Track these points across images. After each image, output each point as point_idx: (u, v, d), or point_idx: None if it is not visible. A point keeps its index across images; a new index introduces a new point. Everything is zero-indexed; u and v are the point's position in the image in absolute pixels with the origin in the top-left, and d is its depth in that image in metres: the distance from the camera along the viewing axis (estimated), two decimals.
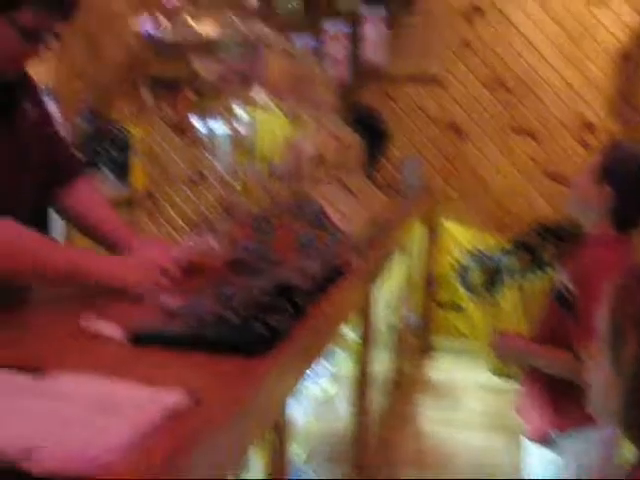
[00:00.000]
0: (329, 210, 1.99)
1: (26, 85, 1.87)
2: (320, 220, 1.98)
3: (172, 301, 1.49)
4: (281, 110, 2.31)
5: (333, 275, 1.77)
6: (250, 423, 1.14)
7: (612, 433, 2.00)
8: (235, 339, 1.23)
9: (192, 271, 1.82)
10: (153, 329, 1.31)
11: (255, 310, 1.32)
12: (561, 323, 1.97)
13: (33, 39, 1.68)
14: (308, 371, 1.61)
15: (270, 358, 1.22)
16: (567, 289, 1.96)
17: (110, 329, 1.33)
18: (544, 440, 2.05)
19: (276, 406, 1.34)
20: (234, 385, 1.10)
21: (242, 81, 2.15)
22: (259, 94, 2.25)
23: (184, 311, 1.40)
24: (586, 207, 2.04)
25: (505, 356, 2.23)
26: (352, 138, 2.59)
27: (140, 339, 1.27)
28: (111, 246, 1.93)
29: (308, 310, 1.48)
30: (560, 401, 2.00)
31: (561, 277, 2.04)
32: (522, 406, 2.19)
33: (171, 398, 1.01)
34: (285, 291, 1.46)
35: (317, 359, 1.70)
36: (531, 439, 2.11)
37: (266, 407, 1.23)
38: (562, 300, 1.98)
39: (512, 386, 4.43)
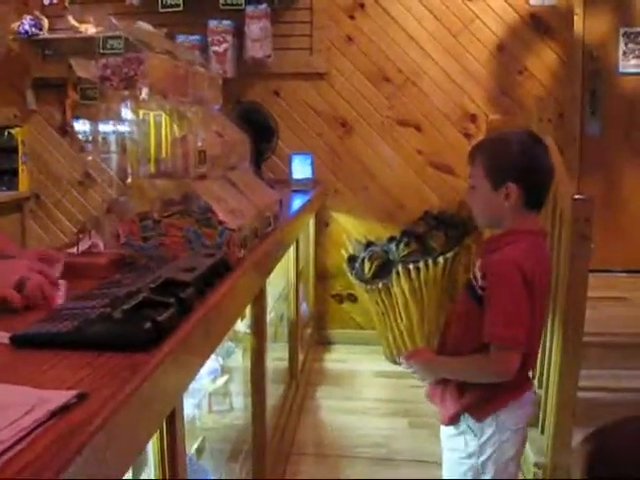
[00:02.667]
0: (215, 206, 2.00)
1: None
2: (206, 216, 2.00)
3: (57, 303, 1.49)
4: (165, 108, 2.31)
5: (221, 270, 1.79)
6: (141, 418, 1.15)
7: (526, 413, 2.09)
8: (120, 335, 1.24)
9: (78, 273, 1.80)
10: (36, 330, 1.30)
11: (141, 307, 1.33)
12: (473, 316, 2.00)
13: None
14: (200, 365, 1.62)
15: (158, 353, 1.24)
16: (478, 284, 1.99)
17: None
18: (460, 424, 2.07)
19: (168, 401, 1.34)
20: (121, 381, 1.11)
21: (124, 81, 2.14)
22: (143, 93, 2.24)
23: (69, 311, 1.40)
24: (498, 215, 2.03)
25: (419, 372, 2.18)
26: (237, 134, 2.60)
27: (23, 341, 1.27)
28: None
29: (195, 305, 1.50)
30: (473, 386, 2.03)
31: (474, 271, 2.04)
32: (434, 393, 2.17)
33: (57, 397, 1.01)
34: (171, 287, 1.48)
35: (209, 353, 1.71)
36: (447, 424, 2.11)
37: (157, 402, 1.24)
38: (474, 294, 2.01)
39: (407, 371, 4.56)
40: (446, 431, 2.14)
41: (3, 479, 0.81)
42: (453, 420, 2.07)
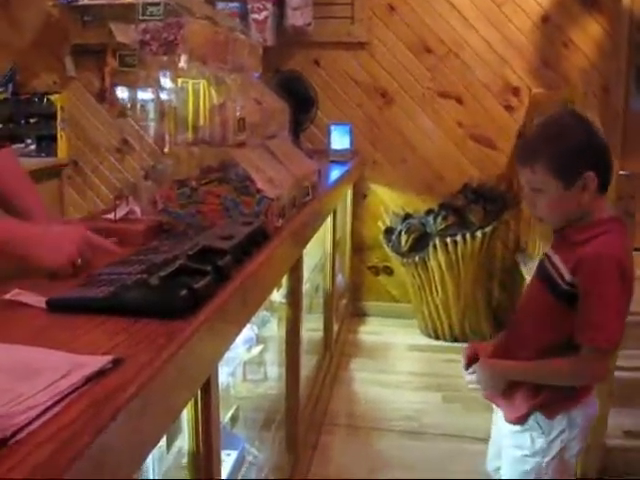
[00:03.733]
0: (254, 174, 1.99)
1: None
2: (244, 184, 1.98)
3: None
4: (204, 75, 2.29)
5: (258, 238, 1.78)
6: (176, 385, 1.15)
7: (593, 412, 2.00)
8: (156, 302, 1.23)
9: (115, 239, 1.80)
10: (73, 295, 1.30)
11: (178, 274, 1.32)
12: (553, 312, 1.89)
13: None
14: (236, 333, 1.62)
15: (194, 320, 1.23)
16: (564, 279, 1.84)
17: (32, 298, 1.32)
18: (526, 422, 1.96)
19: (204, 368, 1.34)
20: (157, 347, 1.10)
21: (163, 46, 2.12)
22: (183, 60, 2.22)
23: (106, 277, 1.40)
24: (576, 211, 1.85)
25: (488, 383, 2.03)
26: (277, 102, 2.58)
27: (59, 305, 1.27)
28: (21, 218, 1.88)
29: (232, 273, 1.49)
30: (549, 386, 1.92)
31: (554, 263, 1.89)
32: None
33: (93, 363, 1.01)
34: (208, 255, 1.47)
35: (245, 322, 1.71)
36: (515, 423, 1.99)
37: (193, 369, 1.23)
38: (555, 290, 1.87)
39: (442, 345, 4.56)
40: (509, 426, 2.03)
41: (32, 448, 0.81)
42: (522, 419, 1.96)
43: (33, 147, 4.96)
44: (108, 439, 0.87)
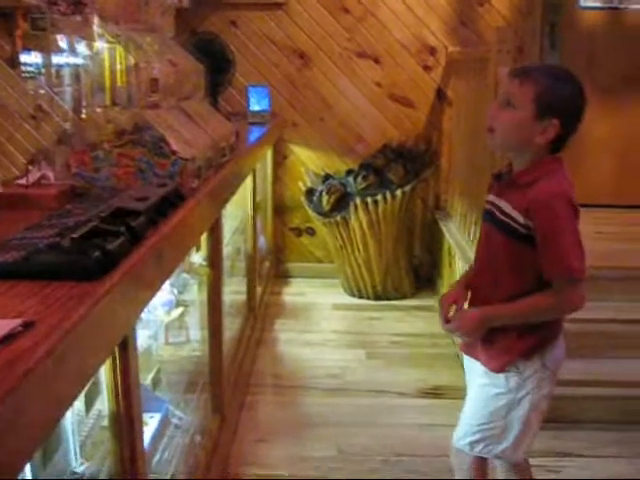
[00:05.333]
0: (168, 136, 1.97)
1: None
2: (159, 146, 1.96)
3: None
4: (117, 36, 2.25)
5: (174, 199, 1.77)
6: (89, 346, 1.14)
7: (561, 354, 2.06)
8: (68, 264, 1.22)
9: (27, 204, 1.78)
10: None
11: (91, 236, 1.31)
12: (523, 257, 1.94)
13: None
14: (152, 294, 1.61)
15: (107, 281, 1.22)
16: (518, 222, 1.90)
17: None
18: (508, 369, 2.01)
19: (118, 329, 1.33)
20: (68, 309, 1.09)
21: (71, 6, 2.08)
22: (95, 22, 2.19)
23: (18, 242, 1.38)
24: (525, 143, 1.92)
25: (468, 332, 2.05)
26: (192, 64, 2.55)
27: None
28: None
29: (146, 234, 1.48)
30: (530, 332, 1.98)
31: (504, 210, 1.95)
32: (473, 345, 2.09)
33: (3, 325, 1.00)
34: (121, 216, 1.46)
35: (160, 283, 1.70)
36: (498, 372, 2.02)
37: (106, 330, 1.23)
38: (516, 235, 1.92)
39: (365, 303, 4.63)
40: (481, 366, 2.07)
41: None
42: (505, 367, 2.01)
43: None
44: (19, 400, 0.86)
